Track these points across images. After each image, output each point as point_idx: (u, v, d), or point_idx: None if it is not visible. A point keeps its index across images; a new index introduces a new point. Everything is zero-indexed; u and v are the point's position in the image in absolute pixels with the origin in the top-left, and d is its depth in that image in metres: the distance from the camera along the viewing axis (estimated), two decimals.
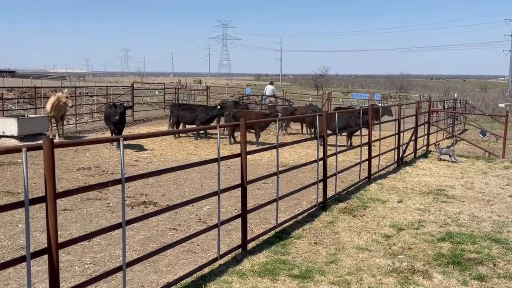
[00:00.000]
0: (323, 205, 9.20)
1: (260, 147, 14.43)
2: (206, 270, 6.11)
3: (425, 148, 16.90)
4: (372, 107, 12.85)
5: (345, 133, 17.22)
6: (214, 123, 18.66)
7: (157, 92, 35.56)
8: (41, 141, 4.28)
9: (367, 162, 11.85)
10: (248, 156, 6.94)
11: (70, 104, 17.07)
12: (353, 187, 10.89)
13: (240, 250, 6.79)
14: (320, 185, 9.17)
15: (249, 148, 7.19)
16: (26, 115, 18.18)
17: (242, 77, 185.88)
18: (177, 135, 18.50)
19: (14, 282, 5.75)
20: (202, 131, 18.76)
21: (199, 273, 5.99)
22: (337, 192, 10.07)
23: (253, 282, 5.81)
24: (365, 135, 12.29)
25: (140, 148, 15.72)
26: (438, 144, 16.00)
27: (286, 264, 6.36)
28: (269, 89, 28.20)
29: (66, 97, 16.96)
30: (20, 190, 9.82)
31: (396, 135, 13.82)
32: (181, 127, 18.99)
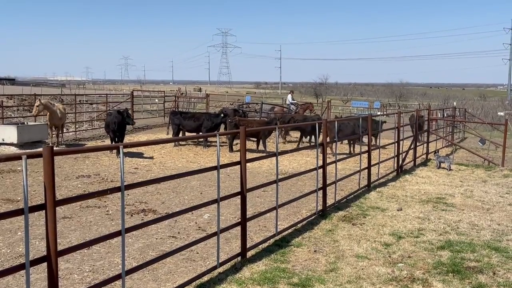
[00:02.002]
0: (323, 213, 9.19)
1: (260, 154, 14.43)
2: (205, 278, 6.10)
3: (424, 156, 16.92)
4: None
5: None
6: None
7: (156, 100, 35.64)
8: (41, 149, 4.29)
9: (366, 170, 11.85)
10: (248, 164, 6.94)
11: (34, 113, 17.20)
12: (352, 195, 10.89)
13: (239, 258, 6.78)
14: (320, 193, 9.16)
15: (249, 156, 7.19)
16: (25, 123, 18.19)
17: (241, 85, 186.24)
18: (176, 142, 18.52)
19: None
20: (202, 139, 18.78)
21: (198, 281, 5.97)
22: (336, 200, 10.06)
23: None
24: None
25: (139, 155, 15.73)
26: (438, 152, 16.02)
27: (286, 273, 6.35)
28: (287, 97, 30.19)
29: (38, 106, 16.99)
30: (19, 198, 9.81)
31: (396, 143, 13.84)
32: (180, 134, 19.02)
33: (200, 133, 18.38)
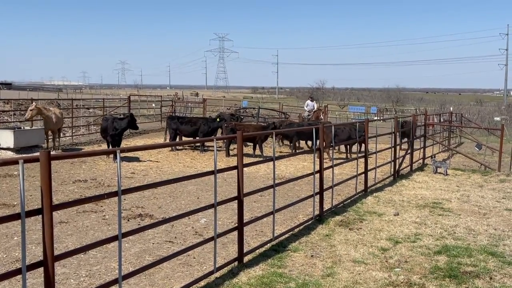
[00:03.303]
0: (320, 218, 9.20)
1: (257, 159, 14.44)
2: (202, 283, 6.09)
3: (421, 161, 16.95)
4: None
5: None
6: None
7: (153, 105, 35.60)
8: (38, 153, 4.28)
9: (363, 175, 11.86)
10: (245, 169, 6.95)
11: (26, 116, 17.52)
12: (349, 200, 10.90)
13: (236, 263, 6.78)
14: (317, 197, 9.17)
15: (246, 160, 7.20)
16: (22, 127, 18.15)
17: (238, 89, 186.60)
18: (173, 147, 18.52)
19: None
20: (198, 144, 18.79)
21: (195, 286, 5.96)
22: (333, 205, 10.07)
23: None
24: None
25: (136, 160, 15.71)
26: (434, 157, 16.04)
27: (283, 277, 6.35)
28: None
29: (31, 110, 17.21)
30: (16, 203, 9.79)
31: (392, 148, 13.86)
32: (178, 139, 19.02)
33: (197, 138, 18.41)
